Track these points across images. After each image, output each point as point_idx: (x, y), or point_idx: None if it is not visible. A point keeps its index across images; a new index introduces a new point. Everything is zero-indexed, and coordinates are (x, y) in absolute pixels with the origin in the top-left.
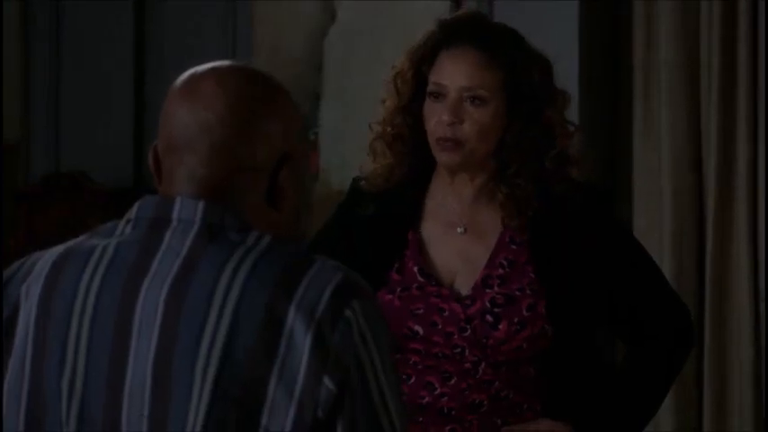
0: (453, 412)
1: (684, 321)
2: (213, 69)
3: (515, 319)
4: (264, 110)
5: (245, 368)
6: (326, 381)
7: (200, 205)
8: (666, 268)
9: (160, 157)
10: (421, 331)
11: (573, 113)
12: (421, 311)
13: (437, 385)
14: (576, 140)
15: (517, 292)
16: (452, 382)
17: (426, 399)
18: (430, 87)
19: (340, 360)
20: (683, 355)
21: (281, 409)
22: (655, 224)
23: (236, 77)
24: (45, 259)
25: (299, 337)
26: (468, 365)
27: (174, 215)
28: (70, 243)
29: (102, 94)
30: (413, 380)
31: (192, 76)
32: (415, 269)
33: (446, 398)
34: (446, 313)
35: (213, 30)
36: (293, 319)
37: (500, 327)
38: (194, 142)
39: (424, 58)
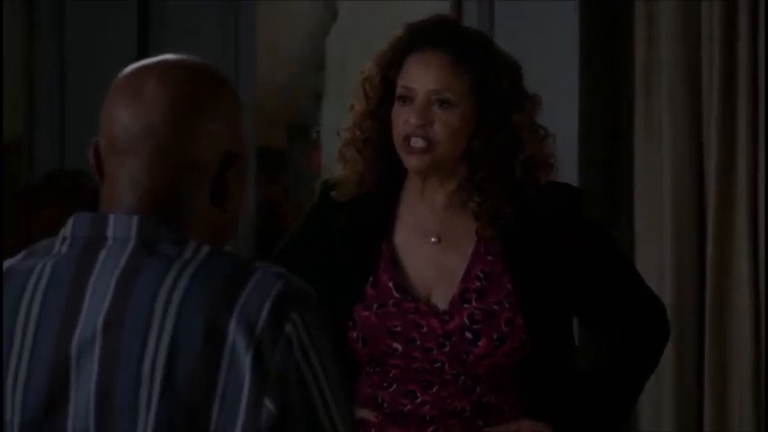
0: (435, 418)
1: (659, 318)
2: (156, 66)
3: (495, 335)
4: (208, 109)
5: (187, 392)
6: (267, 403)
7: (135, 221)
8: (666, 268)
9: (102, 157)
10: (400, 348)
11: (573, 113)
12: (399, 328)
13: (418, 393)
14: (546, 145)
15: (495, 307)
16: (434, 390)
17: (408, 407)
18: (398, 91)
19: (281, 380)
20: (658, 350)
21: None
22: (655, 224)
23: (178, 75)
24: None
25: (241, 355)
26: (448, 377)
27: (109, 233)
28: (9, 262)
29: (106, 93)
30: (394, 387)
31: (134, 74)
32: (391, 284)
33: (428, 406)
34: (424, 329)
35: (216, 30)
36: (234, 334)
37: (480, 343)
38: (136, 146)
39: (392, 63)
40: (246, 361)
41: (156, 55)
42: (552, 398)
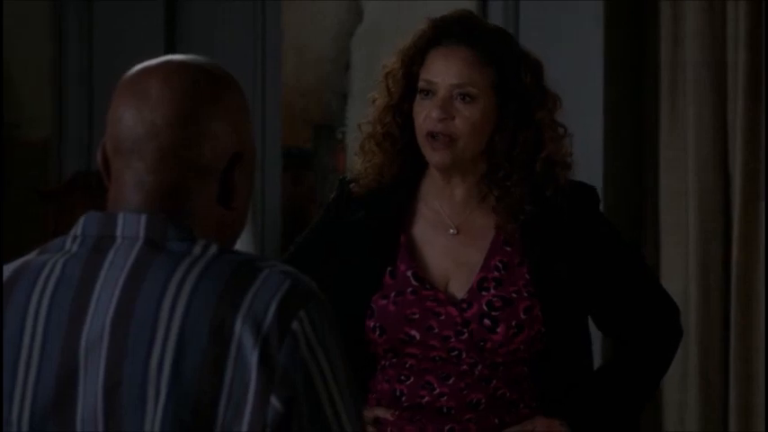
0: (452, 411)
1: (672, 319)
2: (160, 67)
3: (513, 323)
4: (212, 110)
5: (194, 390)
6: (273, 400)
7: (143, 220)
8: (692, 266)
9: (108, 157)
10: (418, 336)
11: (598, 112)
12: (417, 316)
13: (436, 385)
14: (564, 144)
15: (514, 295)
16: (451, 381)
17: (426, 398)
18: (420, 84)
19: (287, 377)
20: (671, 351)
21: (232, 429)
22: (681, 223)
23: (183, 76)
24: None
25: (247, 352)
26: (465, 368)
27: (118, 232)
28: (22, 259)
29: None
30: (411, 380)
31: (139, 74)
32: (409, 273)
33: (445, 397)
34: (442, 317)
35: (242, 30)
36: (240, 331)
37: (498, 330)
38: (141, 146)
39: (415, 58)
40: (253, 358)
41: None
42: (567, 394)
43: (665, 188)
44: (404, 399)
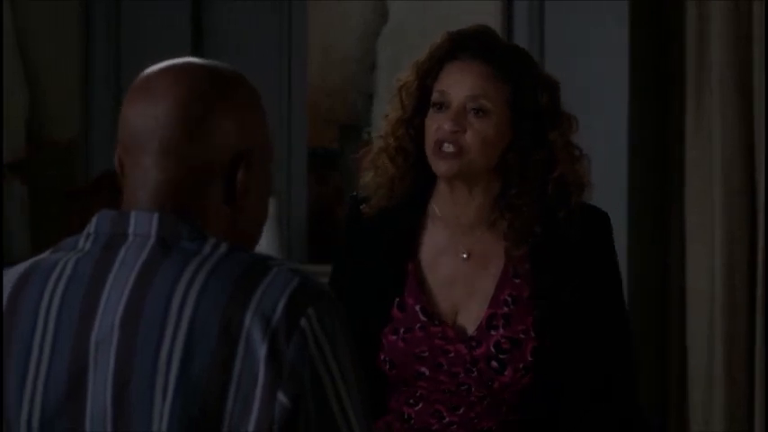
0: None
1: (627, 411)
2: (168, 67)
3: (520, 365)
4: (216, 107)
5: (202, 388)
6: (280, 395)
7: (155, 219)
8: (717, 267)
9: (121, 158)
10: (427, 372)
11: (623, 112)
12: (426, 354)
13: (445, 414)
14: (581, 166)
15: (521, 335)
16: (461, 411)
17: (435, 426)
18: (434, 96)
19: (294, 374)
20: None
21: (240, 427)
22: (706, 223)
23: (190, 75)
24: (11, 274)
25: (256, 347)
26: (474, 399)
27: (130, 230)
28: (35, 258)
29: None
30: (420, 406)
31: (146, 75)
32: (417, 308)
33: (455, 426)
34: (451, 354)
35: (268, 31)
36: (249, 326)
37: (506, 372)
38: (146, 142)
39: (431, 71)
40: (261, 354)
41: (209, 55)
42: (573, 413)
43: (690, 188)
44: (413, 422)
